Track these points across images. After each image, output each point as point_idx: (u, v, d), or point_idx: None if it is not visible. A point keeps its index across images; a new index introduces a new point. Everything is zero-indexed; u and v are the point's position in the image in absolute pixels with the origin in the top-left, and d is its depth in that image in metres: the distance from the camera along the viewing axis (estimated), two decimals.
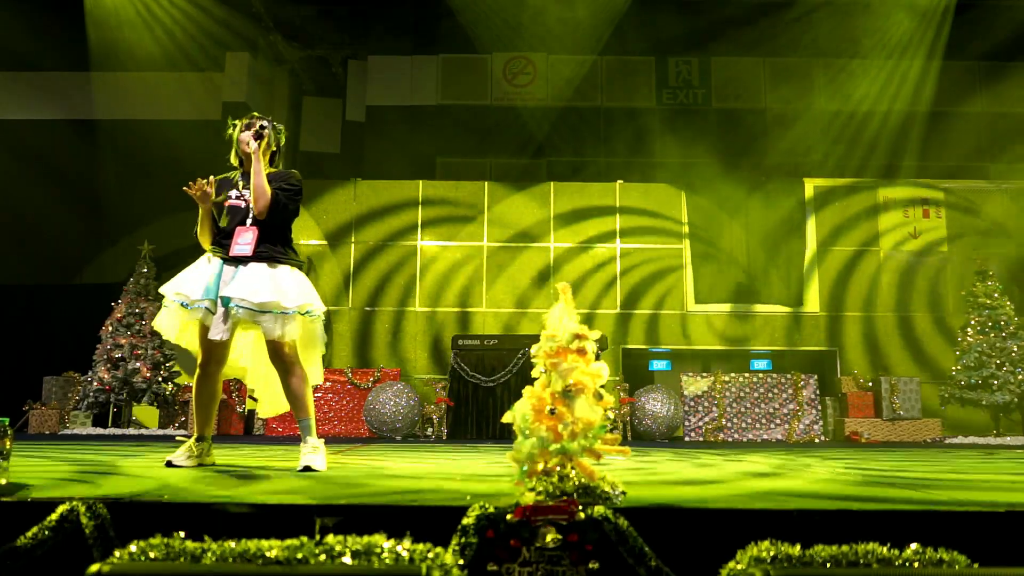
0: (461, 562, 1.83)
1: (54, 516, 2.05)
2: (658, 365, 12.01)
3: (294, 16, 12.14)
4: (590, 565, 1.89)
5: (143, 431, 9.40)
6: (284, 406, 3.81)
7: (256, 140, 3.74)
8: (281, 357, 3.59)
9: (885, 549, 1.68)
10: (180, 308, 3.57)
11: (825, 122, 12.50)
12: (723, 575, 1.71)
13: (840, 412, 10.02)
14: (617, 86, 12.80)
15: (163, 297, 3.66)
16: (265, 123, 3.87)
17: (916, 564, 1.65)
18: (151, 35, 11.62)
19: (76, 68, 12.02)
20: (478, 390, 8.95)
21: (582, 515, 1.95)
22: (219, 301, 3.53)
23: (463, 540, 1.91)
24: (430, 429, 9.35)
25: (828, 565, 1.65)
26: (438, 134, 12.55)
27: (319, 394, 9.68)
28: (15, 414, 9.52)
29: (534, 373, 2.30)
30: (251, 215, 3.67)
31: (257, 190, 3.65)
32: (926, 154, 12.25)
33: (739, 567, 1.67)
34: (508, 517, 1.94)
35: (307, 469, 3.43)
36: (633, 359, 11.57)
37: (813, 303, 11.53)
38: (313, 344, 3.74)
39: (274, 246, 3.66)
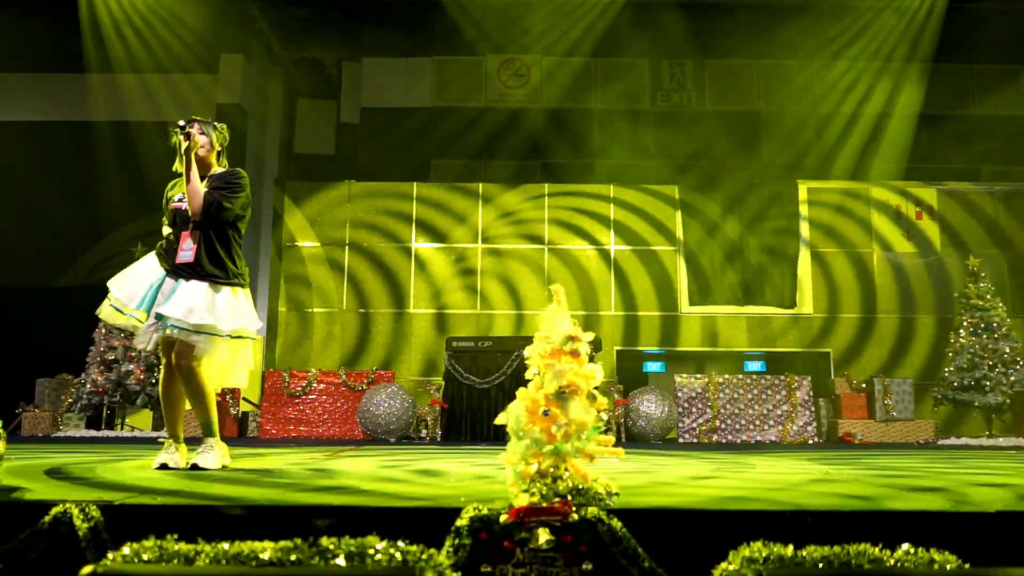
0: (455, 563, 1.84)
1: (47, 518, 2.05)
2: (652, 367, 12.01)
3: (288, 18, 12.10)
4: (584, 566, 1.89)
5: (136, 433, 9.36)
6: (227, 383, 3.90)
7: (186, 140, 3.64)
8: (187, 366, 3.60)
9: (877, 550, 1.69)
10: (114, 311, 3.63)
11: (819, 124, 12.53)
12: (715, 575, 1.71)
13: (833, 413, 10.04)
14: (611, 88, 12.81)
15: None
16: (199, 123, 3.78)
17: (907, 564, 1.66)
18: (145, 37, 11.58)
19: (70, 70, 11.97)
20: (472, 392, 8.95)
21: (576, 516, 1.95)
22: (152, 314, 3.59)
23: (457, 541, 1.91)
24: (424, 431, 9.34)
25: (820, 565, 1.66)
26: (432, 136, 12.53)
27: (313, 396, 9.67)
28: (8, 416, 9.48)
29: (528, 375, 2.30)
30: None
31: (189, 192, 3.59)
32: (919, 156, 12.29)
33: (731, 568, 1.68)
34: (502, 518, 1.94)
35: (195, 467, 3.50)
36: (627, 361, 11.58)
37: (807, 305, 11.56)
38: (239, 364, 3.81)
39: (217, 262, 3.63)
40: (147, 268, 3.70)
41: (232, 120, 11.65)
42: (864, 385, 10.02)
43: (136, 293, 3.61)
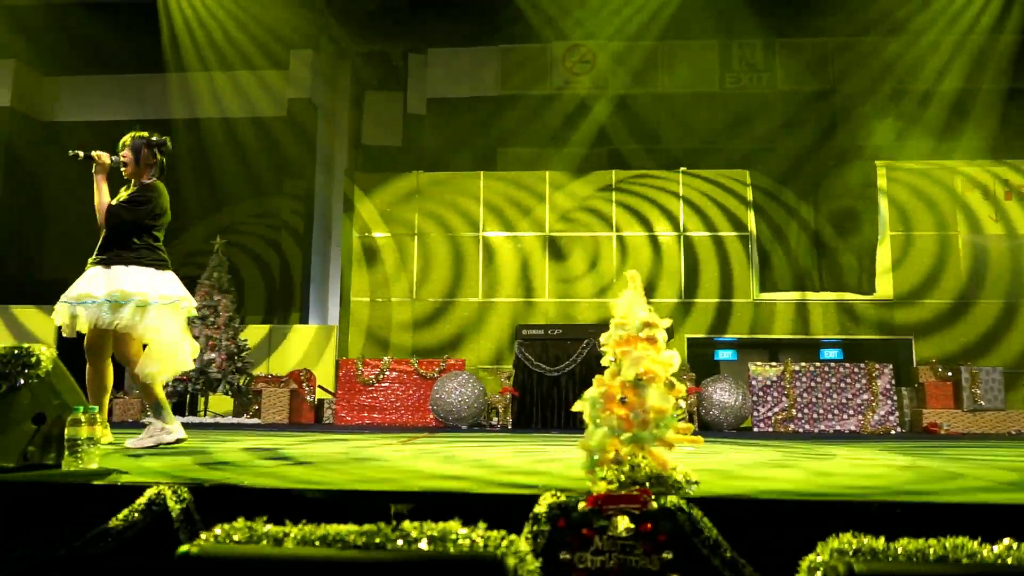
0: (534, 549, 1.84)
1: (142, 499, 2.15)
2: (723, 354, 11.80)
3: (355, 11, 12.27)
4: (663, 555, 1.87)
5: (219, 419, 9.72)
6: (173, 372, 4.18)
7: (87, 162, 4.25)
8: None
9: (975, 544, 1.61)
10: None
11: (897, 102, 12.00)
12: (803, 567, 1.67)
13: (917, 402, 9.67)
14: (679, 71, 12.54)
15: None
16: (125, 146, 4.37)
17: (1010, 560, 1.58)
18: (219, 36, 11.93)
19: (152, 70, 12.43)
20: (543, 380, 8.96)
21: (655, 505, 1.93)
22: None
23: (535, 528, 1.92)
24: (495, 419, 9.41)
25: (914, 559, 1.60)
26: (499, 125, 12.52)
27: (386, 384, 9.85)
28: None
29: (603, 362, 2.29)
30: None
31: (96, 207, 4.20)
32: (1005, 134, 11.63)
33: (820, 559, 1.63)
34: (580, 506, 1.93)
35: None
36: (697, 348, 11.40)
37: (886, 290, 11.14)
38: (149, 331, 4.06)
39: (120, 250, 4.14)
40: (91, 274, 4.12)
41: (302, 114, 12.01)
42: (950, 374, 9.61)
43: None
